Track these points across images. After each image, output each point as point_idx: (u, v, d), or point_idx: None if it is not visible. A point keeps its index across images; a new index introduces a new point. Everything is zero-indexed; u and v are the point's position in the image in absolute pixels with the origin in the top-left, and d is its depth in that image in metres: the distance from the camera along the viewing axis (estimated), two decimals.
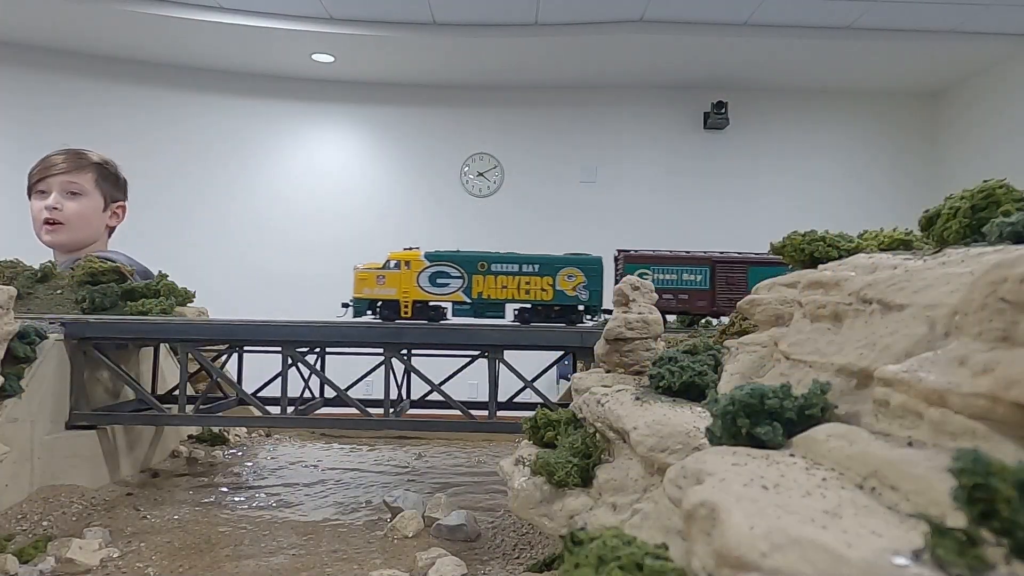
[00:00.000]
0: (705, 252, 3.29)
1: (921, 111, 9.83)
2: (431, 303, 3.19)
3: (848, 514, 0.85)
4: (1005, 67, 8.56)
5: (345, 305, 3.24)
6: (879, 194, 9.54)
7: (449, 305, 3.23)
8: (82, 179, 3.94)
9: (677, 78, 9.44)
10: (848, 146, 9.84)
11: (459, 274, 3.16)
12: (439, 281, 3.16)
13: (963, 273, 1.13)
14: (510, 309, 3.26)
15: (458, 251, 3.25)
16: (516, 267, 3.17)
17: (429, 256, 3.19)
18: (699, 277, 3.18)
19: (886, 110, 9.81)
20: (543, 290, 3.15)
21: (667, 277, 3.19)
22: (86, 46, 8.87)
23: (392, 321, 3.16)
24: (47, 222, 3.90)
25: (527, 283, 3.15)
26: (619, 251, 3.32)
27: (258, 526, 2.55)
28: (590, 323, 3.22)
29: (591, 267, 3.19)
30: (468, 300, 3.16)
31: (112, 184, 4.11)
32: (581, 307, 3.18)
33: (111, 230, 4.23)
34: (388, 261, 3.21)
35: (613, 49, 8.57)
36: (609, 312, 3.25)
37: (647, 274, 3.14)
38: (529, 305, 3.19)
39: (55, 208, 3.87)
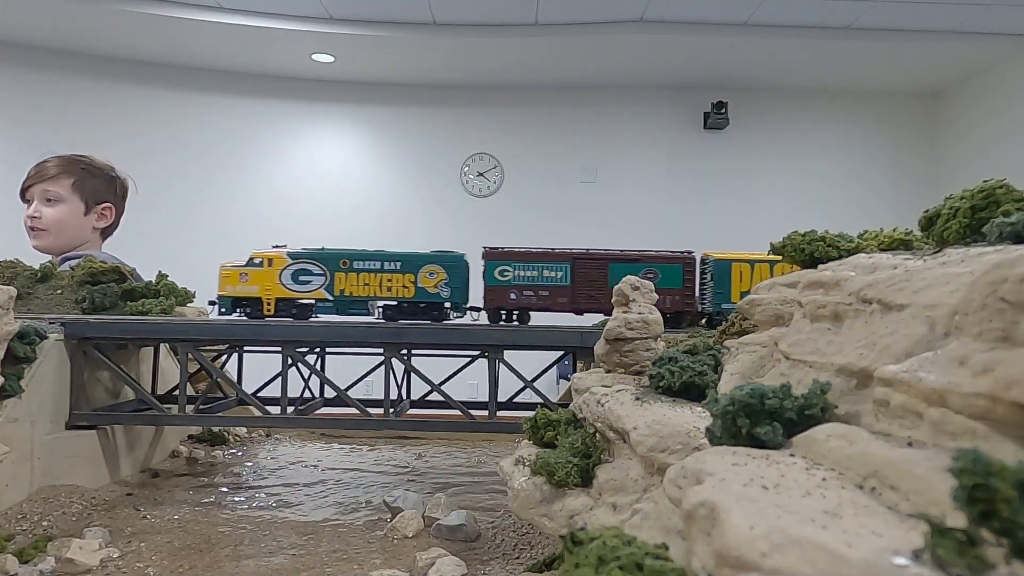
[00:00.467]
0: (572, 249, 3.28)
1: (921, 111, 9.83)
2: (295, 300, 3.19)
3: (848, 514, 0.85)
4: (1005, 67, 8.56)
5: (212, 303, 3.24)
6: (879, 194, 9.54)
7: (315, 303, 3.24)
8: (58, 186, 4.00)
9: (677, 78, 9.43)
10: (848, 146, 9.84)
11: (321, 271, 3.16)
12: (301, 279, 3.17)
13: (963, 273, 1.13)
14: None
15: (322, 248, 3.25)
16: (378, 264, 3.17)
17: (292, 254, 3.20)
18: (560, 274, 3.18)
19: (886, 110, 9.81)
20: (405, 287, 3.16)
21: (528, 274, 3.19)
22: (86, 46, 8.87)
23: (260, 319, 3.16)
24: (31, 229, 4.01)
25: (389, 280, 3.16)
26: (484, 248, 3.31)
27: (258, 526, 2.55)
28: (456, 319, 3.23)
29: (452, 264, 3.19)
30: (330, 297, 3.17)
31: (96, 187, 4.12)
32: (447, 304, 3.19)
33: (102, 231, 4.24)
34: (252, 258, 3.21)
35: (613, 49, 8.57)
36: (476, 309, 3.27)
37: (508, 271, 3.15)
38: (394, 302, 3.19)
39: (34, 216, 3.99)
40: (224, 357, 3.69)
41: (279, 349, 3.02)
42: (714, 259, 3.20)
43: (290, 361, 3.03)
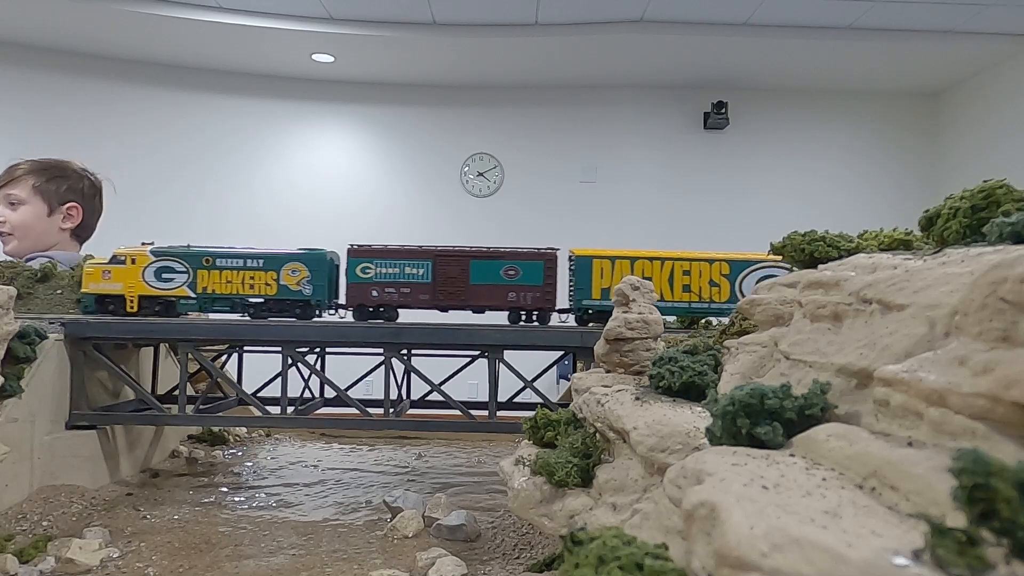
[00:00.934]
0: (433, 247, 3.27)
1: (921, 111, 9.82)
2: (158, 298, 3.19)
3: (848, 514, 0.84)
4: (1005, 67, 8.55)
5: (78, 301, 3.24)
6: (879, 194, 9.54)
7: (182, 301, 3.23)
8: (18, 189, 3.98)
9: (677, 78, 9.43)
10: (848, 146, 9.83)
11: (184, 269, 3.17)
12: (164, 276, 3.17)
13: (963, 273, 1.13)
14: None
15: (188, 247, 3.26)
16: (241, 262, 3.18)
17: (155, 251, 3.21)
18: (421, 271, 3.18)
19: (886, 110, 9.80)
20: (267, 285, 3.17)
21: (390, 271, 3.20)
22: (86, 46, 8.86)
23: (125, 316, 3.15)
24: (1, 234, 4.00)
25: (251, 278, 3.17)
26: (349, 246, 3.31)
27: (258, 526, 2.55)
28: (329, 317, 3.24)
29: (315, 262, 3.20)
30: (193, 295, 3.17)
31: (59, 187, 4.07)
32: (314, 301, 3.19)
33: (73, 232, 4.17)
34: (115, 256, 3.20)
35: (613, 49, 8.57)
36: (341, 307, 3.26)
37: (369, 268, 3.16)
38: (262, 299, 3.20)
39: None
40: (224, 357, 3.69)
41: (279, 349, 3.02)
42: (576, 255, 3.19)
43: (290, 361, 3.03)
